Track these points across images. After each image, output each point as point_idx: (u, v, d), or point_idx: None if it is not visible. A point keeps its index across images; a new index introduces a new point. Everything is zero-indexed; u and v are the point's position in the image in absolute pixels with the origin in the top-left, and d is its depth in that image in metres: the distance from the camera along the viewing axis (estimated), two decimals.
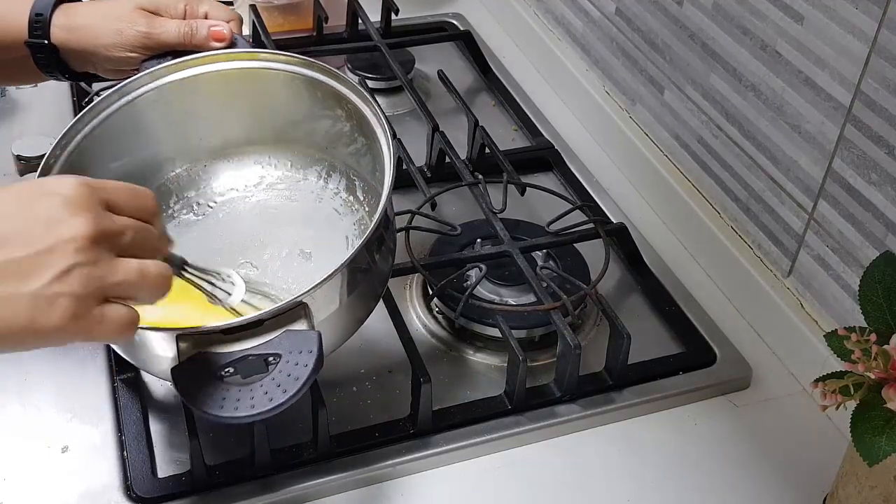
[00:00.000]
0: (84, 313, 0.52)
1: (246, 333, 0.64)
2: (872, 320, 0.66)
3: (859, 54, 0.76)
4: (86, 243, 0.52)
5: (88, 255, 0.53)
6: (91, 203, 0.54)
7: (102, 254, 0.54)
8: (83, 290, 0.52)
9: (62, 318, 0.52)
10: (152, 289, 0.57)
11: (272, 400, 0.61)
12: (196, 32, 0.83)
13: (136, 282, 0.55)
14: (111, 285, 0.54)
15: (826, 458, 0.77)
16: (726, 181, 0.95)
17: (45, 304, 0.51)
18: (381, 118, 0.75)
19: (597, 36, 1.15)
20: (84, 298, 0.52)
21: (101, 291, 0.54)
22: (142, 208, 0.58)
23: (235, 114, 0.86)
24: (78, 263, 0.52)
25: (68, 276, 0.52)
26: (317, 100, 0.82)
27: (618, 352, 0.82)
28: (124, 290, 0.55)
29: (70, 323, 0.52)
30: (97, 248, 0.53)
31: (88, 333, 0.53)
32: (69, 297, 0.52)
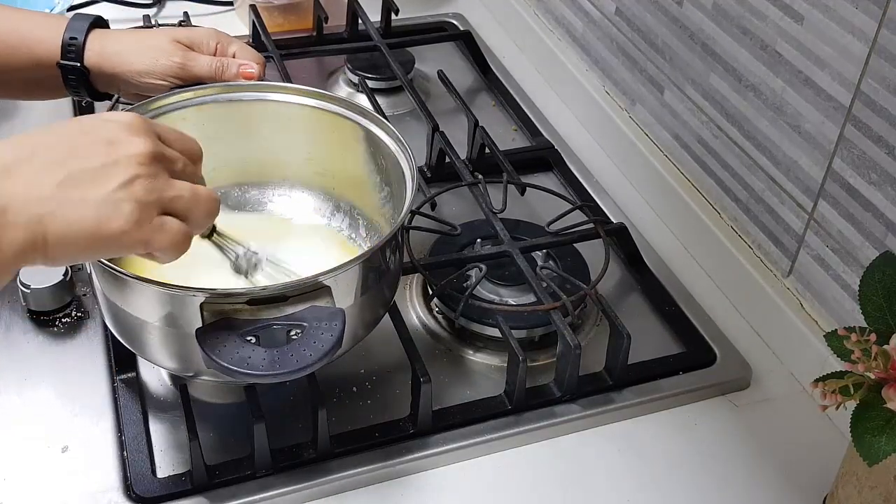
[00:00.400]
0: (145, 220, 0.57)
1: (270, 305, 0.66)
2: (872, 320, 0.66)
3: (859, 54, 0.76)
4: (146, 159, 0.57)
5: (149, 169, 0.57)
6: (147, 130, 0.59)
7: (161, 171, 0.58)
8: (144, 199, 0.56)
9: (126, 223, 0.56)
10: (204, 208, 0.61)
11: (298, 362, 0.63)
12: (227, 69, 0.87)
13: (190, 199, 0.60)
14: (169, 199, 0.58)
15: (826, 458, 0.77)
16: (726, 181, 0.95)
17: (111, 209, 0.55)
18: (413, 169, 0.78)
19: (597, 36, 1.15)
20: (145, 206, 0.57)
21: (160, 203, 0.58)
22: (189, 149, 0.63)
23: (262, 146, 0.88)
24: (139, 175, 0.56)
25: (131, 186, 0.56)
26: (361, 146, 0.85)
27: (618, 352, 0.82)
28: (180, 206, 0.59)
29: (133, 227, 0.56)
30: (156, 165, 0.58)
31: (149, 240, 0.57)
32: (132, 203, 0.56)
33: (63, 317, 0.87)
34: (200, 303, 0.66)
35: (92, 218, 0.55)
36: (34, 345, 0.84)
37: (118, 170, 0.56)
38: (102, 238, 0.55)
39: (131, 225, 0.56)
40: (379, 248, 0.72)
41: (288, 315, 0.66)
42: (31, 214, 0.53)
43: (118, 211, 0.55)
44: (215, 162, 0.86)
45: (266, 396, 0.76)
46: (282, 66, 1.13)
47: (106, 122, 0.59)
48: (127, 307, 0.71)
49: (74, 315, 0.87)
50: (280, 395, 0.81)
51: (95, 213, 0.55)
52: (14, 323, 0.86)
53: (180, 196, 0.59)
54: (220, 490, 0.73)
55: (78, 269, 0.90)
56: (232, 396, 0.80)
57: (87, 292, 0.89)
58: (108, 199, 0.55)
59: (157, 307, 0.69)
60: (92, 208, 0.55)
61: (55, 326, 0.86)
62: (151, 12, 1.30)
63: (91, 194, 0.55)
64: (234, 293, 0.67)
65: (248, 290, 0.67)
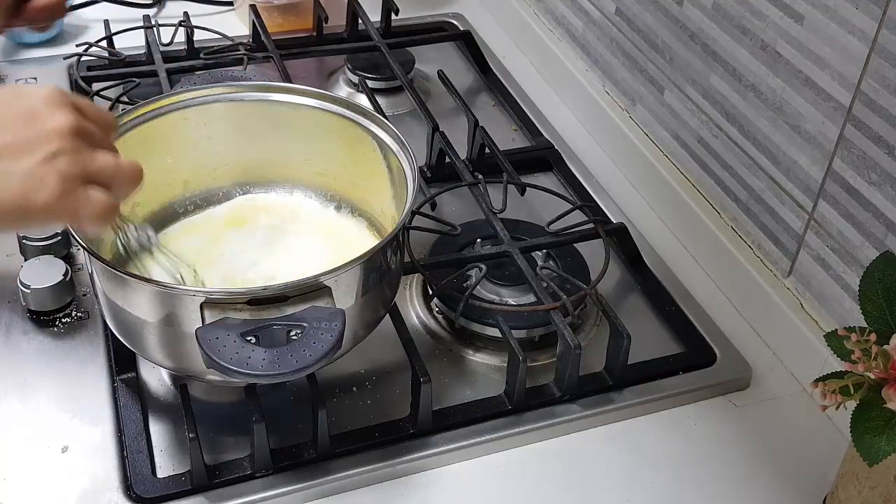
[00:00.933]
0: (70, 192, 0.57)
1: (271, 305, 0.67)
2: (872, 320, 0.66)
3: (859, 54, 0.76)
4: (68, 132, 0.58)
5: (71, 142, 0.58)
6: (66, 102, 0.60)
7: (82, 144, 0.59)
8: (69, 171, 0.57)
9: (52, 194, 0.57)
10: (127, 177, 0.62)
11: (298, 362, 0.64)
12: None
13: (113, 169, 0.61)
14: (93, 170, 0.59)
15: (826, 458, 0.77)
16: (726, 181, 0.95)
17: (36, 182, 0.56)
18: (415, 169, 0.79)
19: (597, 36, 1.15)
20: (70, 178, 0.58)
21: (85, 175, 0.59)
22: (104, 120, 0.64)
23: (264, 147, 0.88)
24: (62, 149, 0.58)
25: (55, 159, 0.57)
26: (362, 147, 0.85)
27: (618, 352, 0.82)
28: (104, 176, 0.60)
29: (58, 200, 0.57)
30: (78, 139, 0.59)
31: (74, 212, 0.58)
32: (57, 176, 0.57)
33: (63, 317, 0.87)
34: (200, 303, 0.66)
35: (18, 190, 0.56)
36: (34, 345, 0.84)
37: (41, 143, 0.57)
38: (29, 210, 0.57)
39: (56, 197, 0.57)
40: (380, 248, 0.72)
41: (288, 315, 0.66)
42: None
43: (43, 184, 0.56)
44: (216, 162, 0.87)
45: (266, 396, 0.76)
46: (282, 66, 1.13)
47: (26, 95, 0.60)
48: (127, 307, 0.71)
49: (74, 315, 0.87)
50: (280, 395, 0.81)
51: (21, 186, 0.56)
52: (14, 323, 0.86)
53: (104, 167, 0.60)
54: (220, 490, 0.73)
55: (78, 269, 0.90)
56: (232, 396, 0.80)
57: (87, 292, 0.89)
58: (33, 172, 0.56)
59: (157, 307, 0.69)
60: (18, 181, 0.56)
61: (55, 326, 0.86)
62: (151, 12, 1.30)
63: (16, 167, 0.56)
64: (234, 293, 0.67)
65: (249, 290, 0.67)
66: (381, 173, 0.84)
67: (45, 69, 1.18)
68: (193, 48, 1.17)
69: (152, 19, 1.22)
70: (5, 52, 1.22)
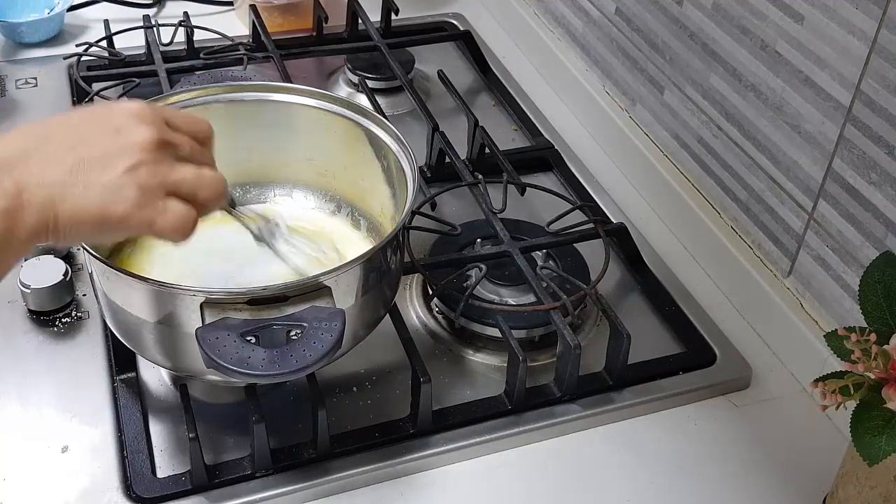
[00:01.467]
0: (148, 203, 0.59)
1: (270, 305, 0.67)
2: (872, 320, 0.66)
3: (859, 54, 0.76)
4: (151, 146, 0.59)
5: (153, 155, 0.59)
6: (154, 117, 0.61)
7: (165, 156, 0.60)
8: (147, 183, 0.59)
9: (130, 206, 0.58)
10: (209, 190, 0.63)
11: (297, 362, 0.64)
12: None
13: (195, 181, 0.61)
14: (173, 182, 0.60)
15: (826, 458, 0.77)
16: (726, 181, 0.95)
17: (115, 193, 0.58)
18: (415, 169, 0.79)
19: (597, 36, 1.15)
20: (149, 190, 0.59)
21: (164, 186, 0.60)
22: (198, 131, 0.65)
23: (264, 147, 0.88)
24: (144, 161, 0.59)
25: (136, 171, 0.58)
26: (362, 147, 0.85)
27: (618, 352, 0.82)
28: (185, 188, 0.61)
29: (136, 210, 0.58)
30: (161, 151, 0.60)
31: (152, 222, 0.59)
32: (136, 188, 0.58)
33: (63, 317, 0.87)
34: (200, 303, 0.66)
35: (98, 201, 0.57)
36: (34, 345, 0.84)
37: (124, 156, 0.58)
38: (108, 220, 0.58)
39: (134, 208, 0.58)
40: (380, 248, 0.72)
41: (288, 315, 0.66)
42: (44, 197, 0.56)
43: (122, 195, 0.58)
44: (216, 162, 0.87)
45: (266, 396, 0.76)
46: (282, 66, 1.13)
47: (114, 110, 0.61)
48: (127, 307, 0.71)
49: (74, 315, 0.87)
50: (280, 395, 0.81)
51: (101, 197, 0.57)
52: (14, 323, 0.86)
53: (184, 179, 0.61)
54: (220, 490, 0.73)
55: (78, 269, 0.90)
56: (232, 396, 0.80)
57: (87, 292, 0.89)
58: (113, 183, 0.58)
59: (157, 307, 0.69)
60: (98, 192, 0.57)
61: (55, 326, 0.86)
62: (151, 12, 1.30)
63: (98, 179, 0.57)
64: (234, 293, 0.67)
65: (249, 291, 0.67)
66: (380, 173, 0.84)
67: (45, 69, 1.18)
68: (193, 48, 1.17)
69: (152, 19, 1.22)
70: (5, 52, 1.22)
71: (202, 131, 0.66)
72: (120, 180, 0.58)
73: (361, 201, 0.87)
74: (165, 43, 1.16)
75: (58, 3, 1.26)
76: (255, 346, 0.64)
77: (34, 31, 1.23)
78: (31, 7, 1.26)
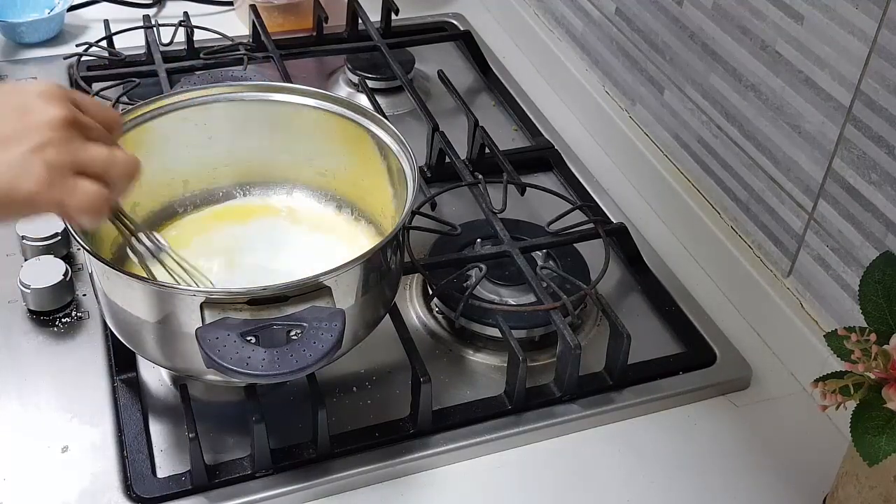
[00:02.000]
0: (58, 181, 0.58)
1: (271, 305, 0.67)
2: (872, 320, 0.66)
3: (859, 54, 0.76)
4: (59, 125, 0.58)
5: (62, 133, 0.58)
6: (62, 97, 0.60)
7: (75, 136, 0.59)
8: (55, 160, 0.58)
9: (37, 184, 0.57)
10: (122, 170, 0.61)
11: (298, 362, 0.64)
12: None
13: (106, 161, 0.60)
14: (83, 160, 0.59)
15: (826, 458, 0.77)
16: (726, 181, 0.95)
17: (22, 171, 0.57)
18: (415, 169, 0.79)
19: (597, 36, 1.15)
20: (58, 168, 0.58)
21: (74, 164, 0.59)
22: (106, 118, 0.63)
23: (264, 146, 0.88)
24: (52, 140, 0.58)
25: (43, 150, 0.57)
26: (362, 147, 0.85)
27: (618, 352, 0.82)
28: (96, 167, 0.60)
29: (44, 188, 0.57)
30: (70, 130, 0.59)
31: (62, 201, 0.58)
32: (44, 166, 0.57)
33: (63, 317, 0.87)
34: (200, 303, 0.66)
35: (4, 178, 0.57)
36: (34, 345, 0.84)
37: (31, 134, 0.57)
38: (14, 198, 0.57)
39: (42, 185, 0.57)
40: (380, 248, 0.72)
41: (288, 315, 0.66)
42: None
43: (28, 172, 0.57)
44: (216, 162, 0.87)
45: (266, 396, 0.76)
46: (282, 66, 1.13)
47: (22, 90, 0.60)
48: (127, 307, 0.71)
49: (74, 315, 0.87)
50: (280, 395, 0.81)
51: (7, 174, 0.57)
52: (14, 323, 0.86)
53: (95, 158, 0.60)
54: (220, 490, 0.73)
55: (78, 269, 0.90)
56: (232, 396, 0.80)
57: (87, 292, 0.89)
58: (19, 161, 0.57)
59: (157, 307, 0.69)
60: (3, 169, 0.57)
61: (55, 326, 0.86)
62: (151, 12, 1.30)
63: (3, 157, 0.57)
64: (234, 293, 0.67)
65: (249, 291, 0.67)
66: (381, 173, 0.84)
67: (45, 69, 1.18)
68: (193, 48, 1.17)
69: (152, 19, 1.22)
70: (5, 52, 1.22)
71: (110, 118, 0.64)
72: (27, 158, 0.57)
73: (361, 201, 0.87)
74: (165, 43, 1.16)
75: (58, 3, 1.26)
76: (255, 346, 0.64)
77: (34, 31, 1.23)
78: (31, 7, 1.26)
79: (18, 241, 0.90)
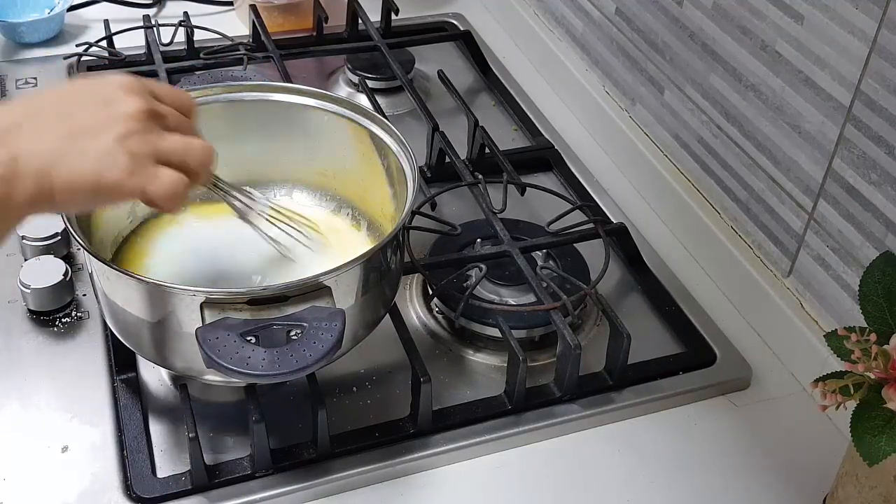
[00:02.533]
0: (140, 170, 0.60)
1: (271, 305, 0.67)
2: (872, 320, 0.66)
3: (859, 54, 0.76)
4: (140, 116, 0.61)
5: (142, 125, 0.61)
6: (141, 89, 0.63)
7: (154, 126, 0.62)
8: (138, 150, 0.61)
9: (122, 172, 0.60)
10: (198, 157, 0.64)
11: (298, 362, 0.64)
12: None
13: (184, 149, 0.63)
14: (162, 149, 0.62)
15: (826, 458, 0.77)
16: (726, 181, 0.95)
17: (108, 159, 0.59)
18: (415, 169, 0.79)
19: (597, 36, 1.15)
20: (140, 157, 0.61)
21: (155, 153, 0.62)
22: (181, 104, 0.67)
23: (264, 147, 0.88)
24: (134, 130, 0.61)
25: (126, 140, 0.60)
26: (362, 147, 0.85)
27: (618, 352, 0.82)
28: (175, 156, 0.63)
29: (128, 176, 0.60)
30: (149, 121, 0.62)
31: (143, 188, 0.61)
32: (127, 155, 0.60)
33: (63, 317, 0.87)
34: (200, 303, 0.66)
35: (91, 168, 0.59)
36: (34, 345, 0.84)
37: (114, 125, 0.60)
38: (102, 186, 0.59)
39: (126, 174, 0.60)
40: (380, 248, 0.72)
41: (288, 315, 0.66)
42: (39, 165, 0.58)
43: (114, 161, 0.59)
44: (216, 162, 0.87)
45: (266, 396, 0.76)
46: (282, 66, 1.13)
47: (102, 83, 0.63)
48: (127, 307, 0.71)
49: (74, 315, 0.87)
50: (280, 395, 0.81)
51: (95, 164, 0.59)
52: (14, 323, 0.86)
53: (173, 147, 0.63)
54: (220, 490, 0.73)
55: (78, 269, 0.90)
56: (232, 396, 0.80)
57: (87, 292, 0.89)
58: (105, 151, 0.59)
59: (157, 307, 0.69)
60: (91, 159, 0.59)
61: (55, 326, 0.86)
62: (151, 12, 1.30)
63: (90, 147, 0.59)
64: (234, 293, 0.67)
65: (249, 291, 0.67)
66: (381, 173, 0.84)
67: (45, 69, 1.18)
68: (193, 48, 1.17)
69: (152, 19, 1.22)
70: (5, 52, 1.22)
71: (186, 103, 0.67)
72: (112, 147, 0.59)
73: (362, 201, 0.87)
74: (165, 43, 1.16)
75: (58, 3, 1.26)
76: (255, 346, 0.64)
77: (34, 31, 1.23)
78: (31, 7, 1.26)
79: (18, 241, 0.90)
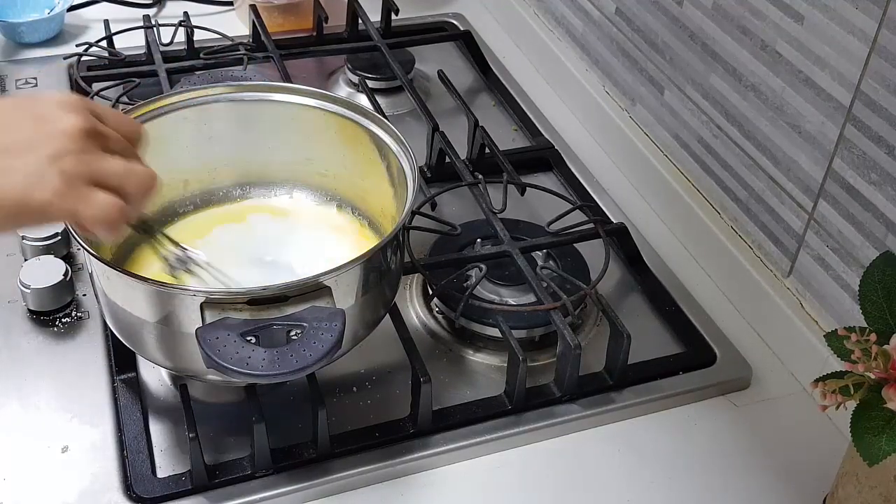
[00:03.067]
0: (72, 191, 0.57)
1: (271, 305, 0.67)
2: (872, 320, 0.66)
3: (859, 54, 0.76)
4: (77, 135, 0.58)
5: (79, 143, 0.58)
6: (82, 107, 0.60)
7: (92, 146, 0.59)
8: (71, 170, 0.57)
9: (52, 193, 0.56)
10: (138, 182, 0.60)
11: (298, 362, 0.64)
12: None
13: (123, 173, 0.59)
14: (99, 171, 0.58)
15: (826, 458, 0.77)
16: (726, 181, 0.95)
17: (37, 179, 0.56)
18: (415, 169, 0.79)
19: (597, 36, 1.15)
20: (73, 178, 0.57)
21: (90, 175, 0.58)
22: (128, 130, 0.63)
23: (264, 147, 0.88)
24: (68, 149, 0.57)
25: (60, 159, 0.57)
26: (362, 147, 0.85)
27: (618, 352, 0.82)
28: (112, 179, 0.59)
29: (58, 198, 0.57)
30: (87, 141, 0.58)
31: (76, 211, 0.58)
32: (59, 175, 0.57)
33: (63, 317, 0.87)
34: (200, 303, 0.66)
35: (19, 187, 0.56)
36: (34, 345, 0.84)
37: (48, 143, 0.57)
38: (28, 206, 0.57)
39: (56, 195, 0.57)
40: (380, 248, 0.72)
41: (288, 315, 0.66)
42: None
43: (43, 181, 0.56)
44: (216, 162, 0.87)
45: (266, 396, 0.76)
46: (282, 66, 1.13)
47: (40, 100, 0.60)
48: (127, 307, 0.71)
49: (74, 315, 0.87)
50: (280, 395, 0.81)
51: (22, 182, 0.56)
52: (14, 323, 0.86)
53: (111, 170, 0.59)
54: (220, 490, 0.73)
55: (78, 269, 0.90)
56: (232, 396, 0.80)
57: (87, 292, 0.89)
58: (35, 169, 0.56)
59: (157, 307, 0.69)
60: (19, 177, 0.56)
61: (55, 326, 0.86)
62: (151, 12, 1.30)
63: (18, 163, 0.56)
64: (235, 293, 0.67)
65: (249, 291, 0.67)
66: (381, 173, 0.84)
67: (45, 69, 1.18)
68: (193, 48, 1.17)
69: (152, 19, 1.22)
70: (5, 52, 1.22)
71: (132, 129, 0.64)
72: (42, 167, 0.56)
73: (362, 201, 0.87)
74: (165, 43, 1.16)
75: (58, 3, 1.26)
76: (255, 346, 0.64)
77: (34, 31, 1.23)
78: (31, 7, 1.26)
79: (18, 241, 0.90)
